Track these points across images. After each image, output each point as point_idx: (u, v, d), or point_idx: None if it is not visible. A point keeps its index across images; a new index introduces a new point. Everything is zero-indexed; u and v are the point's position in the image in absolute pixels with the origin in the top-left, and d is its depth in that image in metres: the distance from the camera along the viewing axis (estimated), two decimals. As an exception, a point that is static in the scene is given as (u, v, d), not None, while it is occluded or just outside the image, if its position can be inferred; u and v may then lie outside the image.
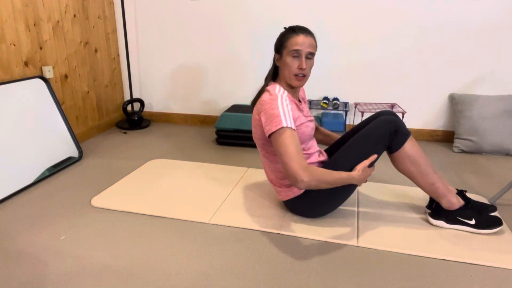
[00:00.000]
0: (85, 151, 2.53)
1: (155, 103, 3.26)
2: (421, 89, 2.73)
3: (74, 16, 2.58)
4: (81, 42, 2.67)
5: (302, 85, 1.58)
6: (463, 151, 2.56)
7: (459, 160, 2.43)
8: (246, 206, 1.80)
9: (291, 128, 1.44)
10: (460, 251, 1.46)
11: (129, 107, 3.29)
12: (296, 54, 1.50)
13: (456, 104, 2.62)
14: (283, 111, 1.46)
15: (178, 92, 3.17)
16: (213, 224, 1.65)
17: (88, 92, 2.79)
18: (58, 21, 2.45)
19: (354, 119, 2.88)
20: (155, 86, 3.21)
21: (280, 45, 1.55)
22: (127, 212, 1.75)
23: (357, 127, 1.72)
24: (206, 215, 1.71)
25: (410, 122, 2.81)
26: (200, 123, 3.21)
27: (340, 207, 1.78)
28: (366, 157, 1.52)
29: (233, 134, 2.68)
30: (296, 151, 1.41)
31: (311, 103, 2.82)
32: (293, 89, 1.60)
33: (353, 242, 1.52)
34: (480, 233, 1.57)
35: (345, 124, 2.65)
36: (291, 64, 1.52)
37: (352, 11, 2.65)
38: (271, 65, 1.65)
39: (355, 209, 1.78)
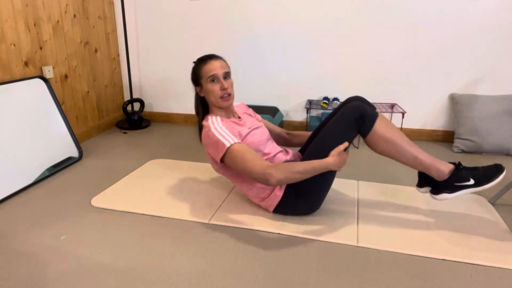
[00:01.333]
0: (85, 151, 2.53)
1: (155, 103, 3.26)
2: (421, 89, 2.73)
3: (74, 16, 2.58)
4: (81, 42, 2.67)
5: (230, 104, 1.66)
6: (463, 151, 2.56)
7: (459, 160, 2.43)
8: (246, 206, 1.80)
9: (236, 143, 1.52)
10: (460, 251, 1.46)
11: (129, 107, 3.29)
12: (213, 78, 1.61)
13: (456, 104, 2.62)
14: (220, 134, 1.55)
15: (178, 92, 3.17)
16: (213, 224, 1.65)
17: (88, 92, 2.79)
18: (58, 21, 2.45)
19: (354, 119, 2.88)
20: (155, 86, 3.21)
21: (197, 77, 1.66)
22: (127, 212, 1.75)
23: (326, 119, 1.74)
24: (206, 215, 1.71)
25: (410, 122, 2.81)
26: (200, 123, 3.20)
27: (340, 207, 1.78)
28: (337, 145, 1.53)
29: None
30: (253, 156, 1.49)
31: (311, 103, 2.82)
32: (226, 111, 1.68)
33: (353, 242, 1.52)
34: (486, 189, 1.50)
35: (345, 124, 2.65)
36: (213, 89, 1.61)
37: (352, 11, 2.65)
38: (195, 102, 1.73)
39: (355, 209, 1.78)
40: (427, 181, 1.64)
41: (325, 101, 2.71)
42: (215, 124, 1.59)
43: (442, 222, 1.66)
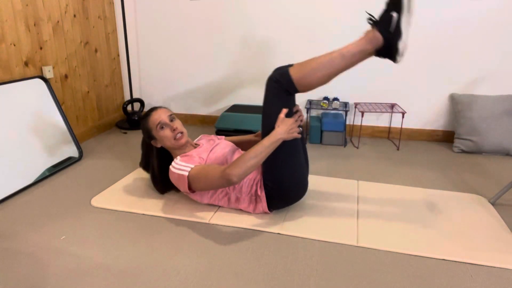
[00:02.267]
0: (85, 151, 2.53)
1: (155, 103, 3.26)
2: (421, 89, 2.73)
3: (74, 16, 2.58)
4: (81, 42, 2.67)
5: (185, 141, 1.76)
6: (463, 151, 2.56)
7: (459, 160, 2.43)
8: (246, 206, 1.80)
9: (192, 168, 1.59)
10: (460, 251, 1.46)
11: (129, 107, 3.29)
12: (162, 125, 1.72)
13: (456, 104, 2.62)
14: (178, 169, 1.62)
15: (178, 92, 3.17)
16: (213, 224, 1.65)
17: (88, 92, 2.79)
18: (58, 21, 2.45)
19: (354, 119, 2.88)
20: (155, 86, 3.21)
21: (148, 132, 1.77)
22: (127, 212, 1.75)
23: None
24: (206, 215, 1.71)
25: (410, 122, 2.81)
26: (200, 123, 3.21)
27: (340, 207, 1.78)
28: (277, 117, 1.55)
29: (233, 134, 2.68)
30: (209, 169, 1.55)
31: (311, 103, 2.82)
32: (184, 147, 1.78)
33: (353, 242, 1.52)
34: (409, 5, 1.41)
35: (345, 124, 2.66)
36: (165, 134, 1.73)
37: (352, 11, 2.65)
38: (147, 156, 1.89)
39: (355, 209, 1.78)
40: (382, 55, 1.51)
41: (325, 101, 2.71)
42: (173, 165, 1.66)
43: (442, 222, 1.66)
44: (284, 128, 1.52)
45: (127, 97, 3.29)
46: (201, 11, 2.89)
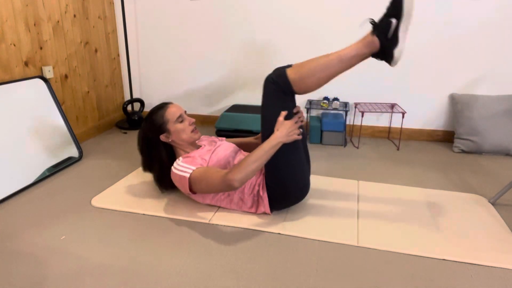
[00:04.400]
0: (85, 151, 2.53)
1: (155, 103, 3.26)
2: (421, 89, 2.73)
3: (74, 16, 2.58)
4: (81, 42, 2.67)
5: (199, 136, 1.80)
6: (463, 151, 2.56)
7: (459, 160, 2.43)
8: (246, 206, 1.79)
9: (194, 170, 1.59)
10: (460, 251, 1.46)
11: (129, 107, 3.29)
12: (181, 118, 1.76)
13: (456, 104, 2.62)
14: (179, 171, 1.62)
15: (178, 92, 3.17)
16: (213, 224, 1.65)
17: (88, 92, 2.79)
18: (58, 21, 2.45)
19: (354, 119, 2.88)
20: (155, 86, 3.21)
21: (161, 125, 1.75)
22: (127, 212, 1.75)
23: None
24: (206, 215, 1.71)
25: (410, 122, 2.81)
26: (200, 123, 3.21)
27: (340, 207, 1.78)
28: (276, 119, 1.55)
29: (233, 134, 2.68)
30: (211, 173, 1.55)
31: (311, 103, 2.82)
32: (193, 144, 1.81)
33: (353, 242, 1.52)
34: (410, 9, 1.41)
35: (345, 124, 2.66)
36: (184, 127, 1.75)
37: (352, 11, 2.65)
38: (151, 157, 1.82)
39: (356, 209, 1.78)
40: (377, 57, 1.53)
41: (325, 101, 2.71)
42: (175, 165, 1.66)
43: (442, 222, 1.66)
44: (284, 132, 1.51)
45: (127, 97, 3.29)
46: (201, 11, 2.89)
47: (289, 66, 1.58)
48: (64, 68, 2.54)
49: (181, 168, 1.63)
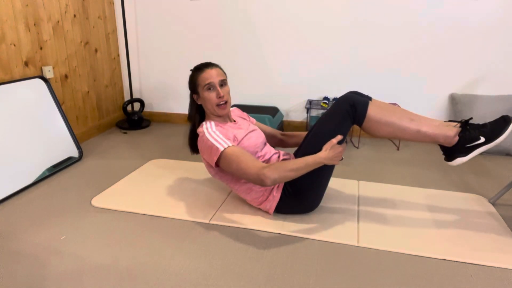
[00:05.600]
0: (85, 151, 2.53)
1: (155, 103, 3.26)
2: (421, 89, 2.73)
3: (74, 16, 2.58)
4: (81, 42, 2.67)
5: (227, 112, 1.68)
6: (463, 151, 2.56)
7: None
8: (246, 206, 1.79)
9: (230, 146, 1.53)
10: (460, 251, 1.46)
11: (129, 107, 3.29)
12: (210, 86, 1.62)
13: (456, 104, 2.62)
14: (213, 139, 1.55)
15: (178, 92, 3.17)
16: (213, 224, 1.65)
17: (88, 92, 2.79)
18: (58, 21, 2.45)
19: (354, 119, 2.88)
20: (155, 86, 3.21)
21: (194, 85, 1.67)
22: (127, 212, 1.75)
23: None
24: (206, 215, 1.71)
25: (410, 122, 2.81)
26: (200, 123, 3.20)
27: (341, 207, 1.78)
28: (331, 138, 1.53)
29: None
30: (247, 158, 1.49)
31: (311, 103, 2.82)
32: (222, 117, 1.70)
33: (353, 242, 1.52)
34: (498, 143, 1.48)
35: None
36: (210, 97, 1.63)
37: (352, 11, 2.65)
38: (191, 109, 1.73)
39: (356, 209, 1.78)
40: (443, 149, 1.59)
41: (325, 101, 2.71)
42: (209, 129, 1.60)
43: (442, 222, 1.66)
44: (330, 156, 1.50)
45: (127, 97, 3.29)
46: (201, 11, 2.89)
47: (370, 99, 1.59)
48: (64, 68, 2.54)
49: (216, 136, 1.56)
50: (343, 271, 1.35)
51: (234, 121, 1.77)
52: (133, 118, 3.05)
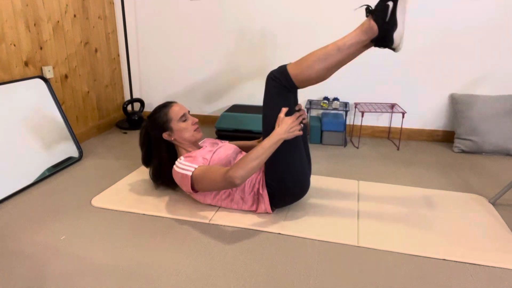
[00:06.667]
0: (85, 151, 2.53)
1: (155, 103, 3.26)
2: (421, 89, 2.73)
3: (74, 16, 2.58)
4: (81, 42, 2.67)
5: (201, 135, 1.83)
6: (463, 151, 2.56)
7: (459, 160, 2.43)
8: (246, 206, 1.80)
9: (196, 168, 1.60)
10: (460, 251, 1.46)
11: (129, 107, 3.29)
12: (184, 117, 1.78)
13: (456, 104, 2.62)
14: (182, 169, 1.63)
15: (178, 92, 3.17)
16: (213, 224, 1.65)
17: (88, 92, 2.79)
18: (58, 21, 2.45)
19: (354, 119, 2.88)
20: (155, 86, 3.21)
21: (164, 123, 1.77)
22: (127, 212, 1.75)
23: None
24: (206, 215, 1.71)
25: (410, 122, 2.81)
26: (200, 123, 3.21)
27: (341, 207, 1.78)
28: (277, 115, 1.56)
29: (233, 134, 2.68)
30: (212, 171, 1.56)
31: (311, 103, 2.82)
32: (194, 143, 1.84)
33: (353, 242, 1.52)
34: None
35: (345, 124, 2.66)
36: (187, 126, 1.78)
37: (352, 11, 2.65)
38: (159, 150, 1.83)
39: (356, 209, 1.78)
40: (378, 45, 1.49)
41: (325, 101, 2.71)
42: (177, 164, 1.67)
43: (442, 222, 1.66)
44: (284, 128, 1.52)
45: (127, 97, 3.29)
46: (201, 11, 2.89)
47: (281, 67, 1.59)
48: (64, 68, 2.54)
49: (183, 166, 1.64)
50: (343, 271, 1.35)
51: (201, 147, 1.86)
52: (133, 118, 3.05)
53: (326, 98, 2.76)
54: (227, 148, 1.81)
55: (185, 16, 2.93)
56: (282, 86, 1.55)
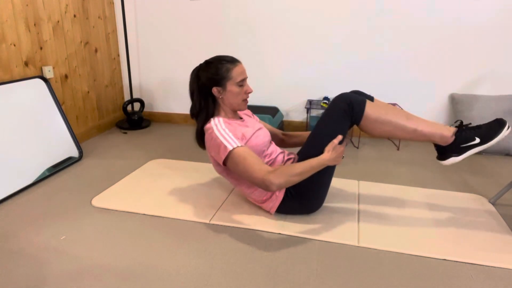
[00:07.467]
0: (85, 151, 2.53)
1: (155, 103, 3.26)
2: (421, 89, 2.73)
3: (74, 16, 2.58)
4: (81, 42, 2.67)
5: (245, 108, 1.69)
6: (463, 151, 2.56)
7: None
8: (247, 206, 1.80)
9: (238, 146, 1.50)
10: (460, 251, 1.46)
11: (129, 107, 3.29)
12: (242, 83, 1.60)
13: (456, 104, 2.62)
14: (223, 137, 1.52)
15: (178, 92, 3.17)
16: (213, 224, 1.65)
17: (88, 92, 2.79)
18: (58, 21, 2.45)
19: (354, 119, 2.88)
20: (155, 86, 3.21)
21: (221, 78, 1.58)
22: (127, 212, 1.75)
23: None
24: (206, 215, 1.71)
25: (410, 122, 2.81)
26: (200, 123, 3.20)
27: (341, 207, 1.78)
28: (332, 138, 1.53)
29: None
30: (254, 161, 1.47)
31: (311, 103, 2.82)
32: (234, 113, 1.69)
33: (353, 242, 1.52)
34: (492, 145, 1.51)
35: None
36: (240, 92, 1.60)
37: (352, 11, 2.65)
38: (204, 104, 1.63)
39: (356, 209, 1.78)
40: (437, 148, 1.61)
41: (325, 101, 2.71)
42: (218, 126, 1.55)
43: (442, 222, 1.66)
44: (333, 156, 1.50)
45: (127, 97, 3.29)
46: (201, 11, 2.89)
47: (371, 98, 1.59)
48: (64, 68, 2.54)
49: (226, 135, 1.52)
50: (343, 271, 1.35)
51: (241, 118, 1.73)
52: (133, 118, 3.05)
53: (326, 98, 2.76)
54: (265, 134, 1.69)
55: (185, 16, 2.93)
56: (349, 115, 1.53)
